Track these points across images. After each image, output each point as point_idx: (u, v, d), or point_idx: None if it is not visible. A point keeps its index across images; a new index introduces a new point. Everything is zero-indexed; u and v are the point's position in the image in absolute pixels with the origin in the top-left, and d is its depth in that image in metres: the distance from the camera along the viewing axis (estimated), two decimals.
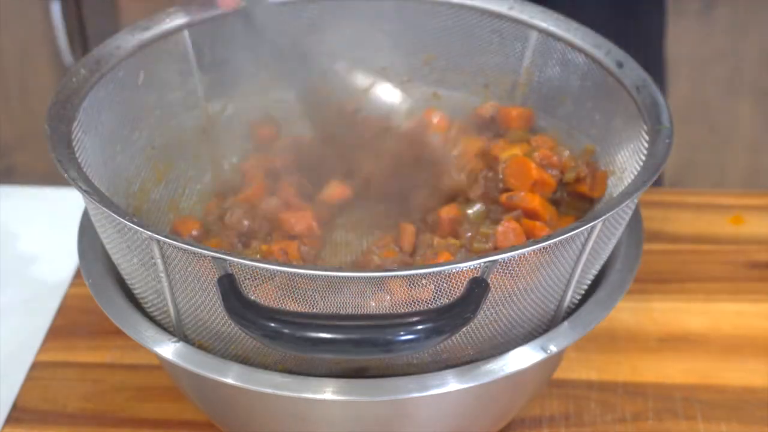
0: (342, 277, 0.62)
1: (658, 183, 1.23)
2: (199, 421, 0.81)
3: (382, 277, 0.62)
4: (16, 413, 0.82)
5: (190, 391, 0.76)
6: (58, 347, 0.88)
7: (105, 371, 0.86)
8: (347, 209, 0.82)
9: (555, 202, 0.79)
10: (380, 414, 0.69)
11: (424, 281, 0.63)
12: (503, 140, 0.83)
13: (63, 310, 0.91)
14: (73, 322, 0.90)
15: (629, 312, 0.91)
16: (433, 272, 0.62)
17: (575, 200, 0.79)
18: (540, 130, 0.85)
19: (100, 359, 0.87)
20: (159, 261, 0.65)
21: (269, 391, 0.66)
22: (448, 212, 0.78)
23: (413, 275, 0.62)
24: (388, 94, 0.83)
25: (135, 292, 0.72)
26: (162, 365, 0.80)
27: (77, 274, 0.94)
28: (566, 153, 0.79)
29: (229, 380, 0.66)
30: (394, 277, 0.62)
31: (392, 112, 0.82)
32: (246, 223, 0.78)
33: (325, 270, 0.61)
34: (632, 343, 0.88)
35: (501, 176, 0.78)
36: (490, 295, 0.62)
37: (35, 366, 0.86)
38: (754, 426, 0.82)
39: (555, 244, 0.64)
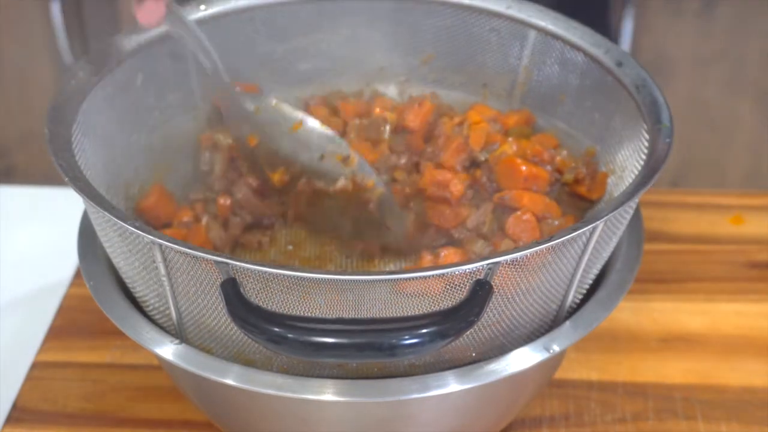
0: (345, 281, 0.61)
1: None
2: (199, 421, 0.81)
3: (384, 280, 0.62)
4: (16, 413, 0.82)
5: (190, 391, 0.76)
6: (58, 347, 0.88)
7: (105, 371, 0.86)
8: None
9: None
10: (381, 415, 0.69)
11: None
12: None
13: (63, 310, 0.91)
14: (73, 322, 0.90)
15: (629, 312, 0.91)
16: (436, 275, 0.62)
17: (575, 200, 0.79)
18: (539, 130, 0.85)
19: (100, 359, 0.87)
20: (161, 265, 0.65)
21: (270, 392, 0.66)
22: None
23: (416, 277, 0.62)
24: (318, 131, 0.83)
25: (136, 295, 0.72)
26: (162, 366, 0.80)
27: (77, 274, 0.94)
28: (564, 153, 0.79)
29: (230, 381, 0.66)
30: (398, 279, 0.61)
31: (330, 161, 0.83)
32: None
33: (328, 273, 0.61)
34: (632, 343, 0.88)
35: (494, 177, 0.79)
36: (493, 296, 0.62)
37: (35, 366, 0.86)
38: (754, 426, 0.82)
39: (557, 245, 0.64)
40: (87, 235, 0.76)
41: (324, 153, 0.82)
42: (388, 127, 0.84)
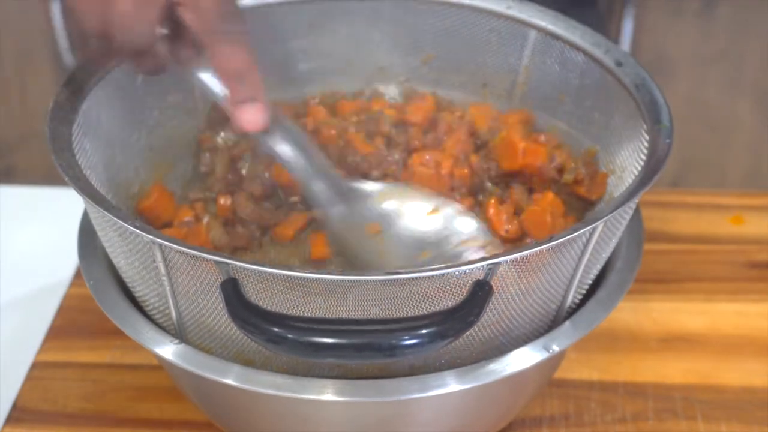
0: (344, 281, 0.61)
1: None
2: (199, 421, 0.81)
3: (384, 281, 0.62)
4: (16, 413, 0.82)
5: (190, 391, 0.76)
6: (58, 347, 0.88)
7: (105, 371, 0.86)
8: None
9: None
10: (381, 414, 0.69)
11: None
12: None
13: (63, 310, 0.91)
14: (73, 322, 0.90)
15: (629, 312, 0.91)
16: (436, 275, 0.61)
17: (574, 200, 0.79)
18: (539, 130, 0.84)
19: (100, 359, 0.87)
20: (161, 265, 0.65)
21: (270, 392, 0.66)
22: None
23: (416, 278, 0.61)
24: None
25: (136, 294, 0.72)
26: (162, 365, 0.80)
27: (77, 274, 0.94)
28: (564, 152, 0.79)
29: (230, 381, 0.66)
30: (397, 280, 0.61)
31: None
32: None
33: (328, 274, 0.61)
34: (632, 343, 0.88)
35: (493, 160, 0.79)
36: (493, 297, 0.62)
37: (35, 366, 0.86)
38: (754, 426, 0.82)
39: (557, 245, 0.64)
40: (87, 235, 0.76)
41: (461, 240, 0.75)
42: (388, 119, 0.84)
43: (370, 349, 0.59)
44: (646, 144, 0.73)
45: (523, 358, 0.68)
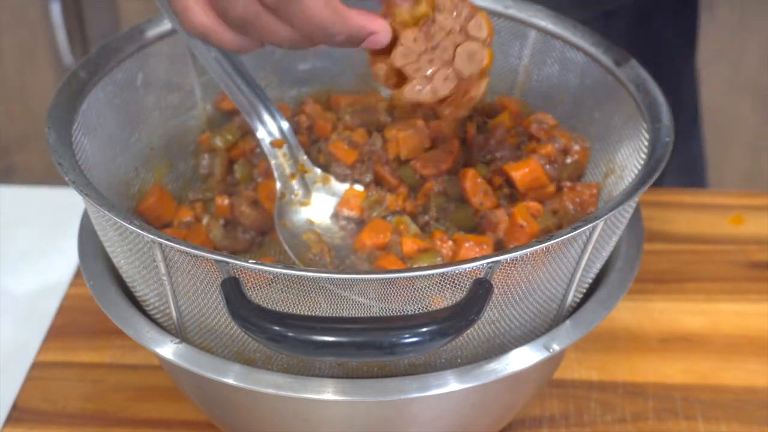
0: (344, 280, 0.62)
1: (658, 182, 1.23)
2: (199, 421, 0.81)
3: (384, 279, 0.62)
4: (16, 413, 0.82)
5: (190, 391, 0.76)
6: (58, 347, 0.88)
7: (105, 371, 0.86)
8: None
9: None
10: (381, 414, 0.69)
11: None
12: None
13: (63, 310, 0.91)
14: (73, 322, 0.90)
15: (629, 312, 0.91)
16: (436, 273, 0.62)
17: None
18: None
19: (100, 359, 0.87)
20: (161, 264, 0.65)
21: (270, 391, 0.66)
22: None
23: (416, 276, 0.62)
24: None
25: (136, 294, 0.72)
26: (162, 365, 0.80)
27: (77, 274, 0.94)
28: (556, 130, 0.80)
29: (230, 380, 0.66)
30: (397, 279, 0.61)
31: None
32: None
33: (328, 273, 0.61)
34: (632, 343, 0.88)
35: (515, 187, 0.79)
36: (493, 295, 0.62)
37: (35, 366, 0.86)
38: (754, 426, 0.82)
39: (557, 244, 0.64)
40: (87, 235, 0.76)
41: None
42: (383, 108, 0.83)
43: (371, 347, 0.59)
44: (646, 143, 0.73)
45: (523, 358, 0.68)
